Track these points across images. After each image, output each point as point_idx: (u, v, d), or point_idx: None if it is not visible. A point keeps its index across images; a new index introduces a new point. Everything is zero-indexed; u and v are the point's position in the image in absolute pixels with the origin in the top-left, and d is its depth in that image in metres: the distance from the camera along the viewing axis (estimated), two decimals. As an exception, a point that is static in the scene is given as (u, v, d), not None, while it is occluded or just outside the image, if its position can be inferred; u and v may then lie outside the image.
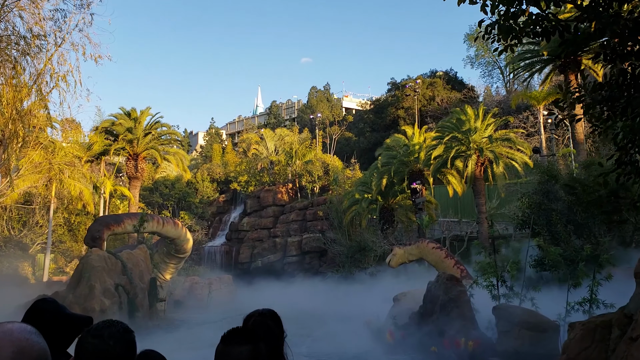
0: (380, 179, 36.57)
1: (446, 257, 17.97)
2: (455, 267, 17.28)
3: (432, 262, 18.65)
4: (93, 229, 20.91)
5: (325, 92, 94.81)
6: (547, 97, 28.63)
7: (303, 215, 46.49)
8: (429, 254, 18.35)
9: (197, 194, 51.28)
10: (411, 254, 19.23)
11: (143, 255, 20.09)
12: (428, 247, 18.64)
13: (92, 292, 16.15)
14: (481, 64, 75.42)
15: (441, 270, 17.97)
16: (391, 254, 19.93)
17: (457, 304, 10.59)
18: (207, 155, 74.01)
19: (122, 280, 17.88)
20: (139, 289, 18.33)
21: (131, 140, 36.27)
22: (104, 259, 17.55)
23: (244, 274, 43.42)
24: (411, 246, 19.53)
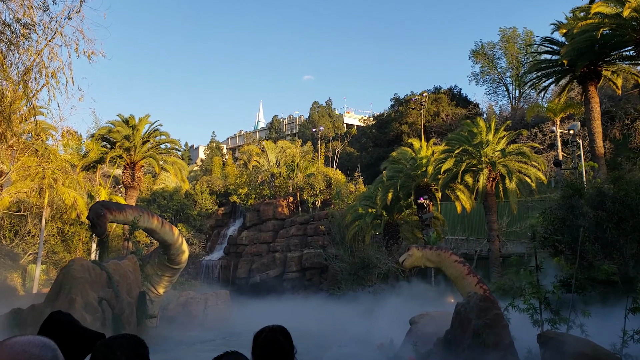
0: (385, 193, 35.14)
1: (468, 273, 16.37)
2: (478, 287, 15.72)
3: (451, 276, 17.01)
4: (96, 207, 19.31)
5: (327, 107, 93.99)
6: (565, 109, 27.40)
7: (304, 229, 45.00)
8: (450, 266, 16.71)
9: (195, 206, 49.85)
10: (429, 260, 17.55)
11: (132, 267, 18.54)
12: (450, 258, 17.01)
13: (72, 306, 14.53)
14: (486, 81, 74.51)
15: (460, 287, 16.43)
16: (406, 252, 18.20)
17: (493, 329, 9.11)
18: (208, 168, 72.76)
19: (107, 293, 16.30)
20: (126, 303, 16.73)
21: (128, 149, 34.92)
22: (87, 269, 15.99)
23: (241, 290, 41.83)
24: (431, 251, 17.83)
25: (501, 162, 30.24)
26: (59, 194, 31.91)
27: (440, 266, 17.59)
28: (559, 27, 26.13)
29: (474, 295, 10.24)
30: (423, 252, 17.78)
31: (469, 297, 10.21)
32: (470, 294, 10.44)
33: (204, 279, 42.65)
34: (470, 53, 72.85)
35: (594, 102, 25.89)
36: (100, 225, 18.15)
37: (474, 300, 9.92)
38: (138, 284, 19.02)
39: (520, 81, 69.47)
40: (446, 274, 17.74)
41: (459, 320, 10.10)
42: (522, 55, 69.25)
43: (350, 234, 38.19)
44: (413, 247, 18.03)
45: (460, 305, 10.40)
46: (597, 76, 26.19)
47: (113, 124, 35.45)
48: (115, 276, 16.95)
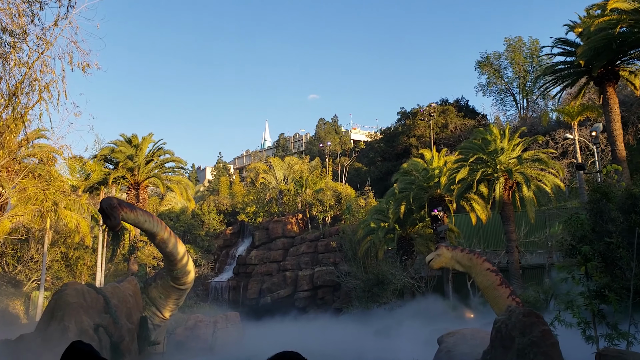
0: (397, 206, 33.97)
1: (500, 284, 15.11)
2: (510, 299, 14.51)
3: (481, 285, 15.70)
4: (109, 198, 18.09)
5: (334, 123, 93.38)
6: (583, 112, 26.28)
7: (314, 247, 43.80)
8: (481, 274, 15.37)
9: (202, 226, 48.79)
10: (459, 263, 16.21)
11: (132, 290, 17.39)
12: (482, 265, 15.70)
13: (65, 334, 13.33)
14: (493, 92, 73.60)
15: (490, 299, 15.21)
16: (435, 252, 16.85)
17: (541, 348, 7.92)
18: (215, 188, 71.95)
19: (105, 319, 15.12)
20: (126, 330, 15.56)
21: (132, 169, 34.05)
22: (81, 293, 14.84)
23: (252, 311, 40.55)
24: (462, 253, 16.47)
25: (517, 170, 29.08)
26: (61, 217, 31.01)
27: (470, 272, 16.28)
28: (573, 27, 25.15)
29: (515, 310, 9.06)
30: (453, 253, 16.47)
31: (510, 312, 9.02)
32: (512, 309, 9.25)
33: (213, 301, 41.44)
34: (476, 64, 72.13)
35: (613, 103, 24.79)
36: (114, 216, 16.77)
37: (516, 315, 8.74)
38: (139, 308, 17.83)
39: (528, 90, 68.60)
40: (475, 281, 16.43)
41: (499, 338, 8.91)
42: (529, 64, 68.48)
43: (363, 250, 36.97)
44: (442, 247, 16.75)
45: (499, 321, 9.21)
46: (615, 77, 25.10)
47: (115, 143, 34.65)
48: (113, 300, 15.76)
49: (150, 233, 18.79)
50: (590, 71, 25.39)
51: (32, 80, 16.93)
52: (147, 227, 18.30)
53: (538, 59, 67.92)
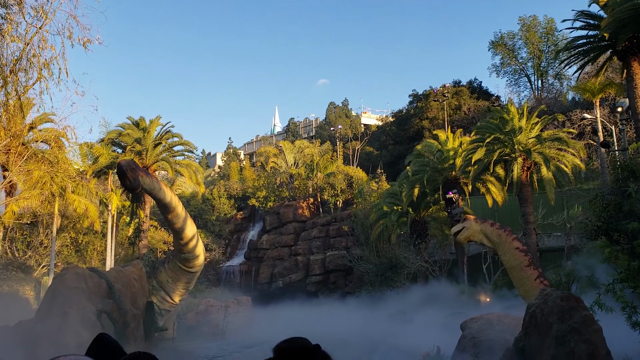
0: (411, 188, 33.12)
1: (529, 265, 14.28)
2: (538, 281, 13.72)
3: (508, 264, 14.81)
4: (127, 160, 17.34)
5: (344, 107, 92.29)
6: (604, 89, 25.20)
7: (326, 231, 43.20)
8: (509, 252, 14.43)
9: (213, 211, 48.33)
10: (487, 237, 15.20)
11: (137, 274, 16.76)
12: (512, 243, 14.79)
13: (66, 320, 12.67)
14: (507, 72, 71.98)
15: (516, 280, 14.40)
16: (462, 223, 15.85)
17: (583, 335, 7.11)
18: (225, 173, 71.47)
19: (108, 305, 14.47)
20: (131, 315, 14.95)
21: (140, 152, 33.45)
22: (83, 278, 14.18)
23: (264, 295, 40.16)
24: (492, 228, 15.43)
25: (536, 150, 28.10)
26: (70, 202, 30.58)
27: (497, 249, 15.38)
28: (597, 0, 24.00)
29: (551, 293, 8.26)
30: (482, 226, 15.53)
31: (546, 296, 8.22)
32: (547, 292, 8.45)
33: (225, 285, 41.09)
34: (489, 44, 70.48)
35: (638, 78, 23.66)
36: (134, 176, 16.03)
37: (553, 299, 7.95)
38: (145, 292, 17.22)
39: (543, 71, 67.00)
40: (502, 260, 15.58)
41: (534, 324, 8.13)
42: (544, 44, 66.84)
43: (375, 234, 36.27)
44: (470, 218, 15.85)
45: (534, 306, 8.42)
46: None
47: (123, 126, 34.05)
48: (117, 285, 15.13)
49: (163, 204, 17.98)
50: (614, 45, 24.21)
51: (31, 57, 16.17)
52: (162, 196, 17.58)
53: (553, 38, 66.22)
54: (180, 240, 18.83)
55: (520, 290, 14.63)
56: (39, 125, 31.74)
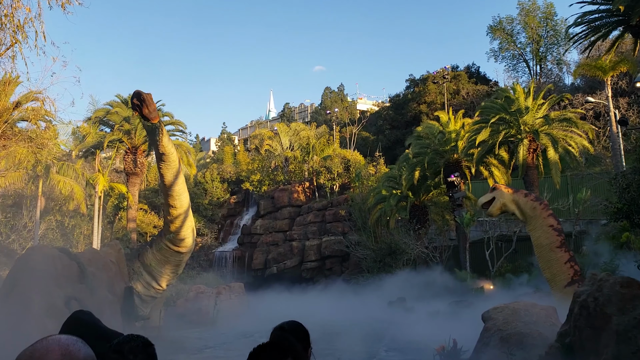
0: (411, 172, 31.83)
1: (560, 246, 12.99)
2: (568, 265, 12.50)
3: (536, 242, 13.45)
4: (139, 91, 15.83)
5: (340, 93, 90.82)
6: (616, 66, 23.96)
7: (322, 216, 41.92)
8: (540, 229, 13.04)
9: (206, 195, 46.90)
10: (519, 208, 13.75)
11: (115, 256, 15.26)
12: (546, 220, 13.41)
13: (28, 308, 11.04)
14: (505, 57, 70.67)
15: (543, 261, 13.13)
16: (491, 193, 14.42)
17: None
18: (219, 158, 69.96)
19: (79, 290, 12.82)
20: (106, 302, 13.39)
21: (129, 131, 31.93)
22: (51, 259, 12.57)
23: (257, 282, 38.96)
24: (526, 199, 13.90)
25: (544, 131, 26.83)
26: (55, 183, 29.11)
27: (529, 223, 13.97)
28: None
29: (607, 279, 6.93)
30: (515, 196, 14.11)
31: (600, 282, 6.89)
32: (601, 277, 7.12)
33: (217, 271, 39.79)
34: (488, 29, 69.12)
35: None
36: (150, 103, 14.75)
37: (610, 285, 6.64)
38: (123, 277, 15.74)
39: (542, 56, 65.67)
40: (531, 235, 14.21)
41: (585, 316, 6.81)
42: (542, 28, 65.51)
43: (373, 219, 35.03)
44: (501, 187, 14.45)
45: (583, 293, 7.07)
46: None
47: (111, 105, 32.47)
48: (91, 268, 13.57)
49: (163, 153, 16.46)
50: (628, 20, 22.88)
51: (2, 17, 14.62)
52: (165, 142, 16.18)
53: (552, 23, 64.98)
54: (172, 210, 17.32)
55: (546, 272, 13.37)
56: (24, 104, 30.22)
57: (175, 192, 17.26)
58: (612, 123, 24.78)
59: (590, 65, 25.66)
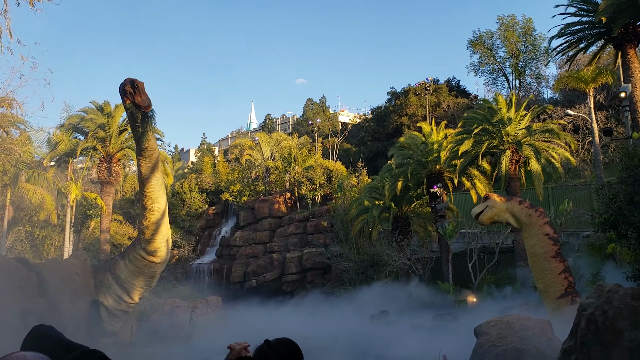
0: (394, 182, 31.37)
1: (555, 256, 12.49)
2: (563, 276, 12.01)
3: (531, 250, 12.93)
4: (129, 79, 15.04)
5: (322, 104, 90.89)
6: (597, 78, 23.91)
7: (303, 227, 41.20)
8: (535, 237, 12.51)
9: (183, 206, 45.88)
10: (514, 216, 13.21)
11: (80, 267, 14.29)
12: (542, 228, 12.88)
13: None
14: (485, 72, 71.34)
15: (536, 270, 12.64)
16: (485, 202, 13.91)
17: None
18: (198, 168, 68.96)
19: (39, 304, 11.91)
20: (69, 318, 12.45)
21: (103, 139, 30.95)
22: (7, 271, 11.62)
23: (236, 295, 38.00)
24: (520, 206, 13.40)
25: (526, 142, 26.59)
26: (24, 192, 28.02)
27: (524, 230, 13.48)
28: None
29: (617, 290, 6.38)
30: (508, 204, 13.60)
31: (609, 293, 6.35)
32: (610, 288, 6.59)
33: (194, 284, 38.72)
34: (468, 43, 69.76)
35: (635, 67, 22.34)
36: (143, 91, 14.24)
37: (620, 297, 6.09)
38: (89, 289, 14.76)
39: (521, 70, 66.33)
40: (525, 244, 13.71)
41: (593, 331, 6.24)
42: (522, 43, 66.26)
43: (356, 230, 34.44)
44: (494, 196, 13.97)
45: (590, 306, 6.50)
46: (636, 38, 22.59)
47: (85, 111, 31.45)
48: (52, 280, 12.63)
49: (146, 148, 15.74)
50: (609, 32, 22.87)
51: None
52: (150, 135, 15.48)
53: (531, 38, 65.81)
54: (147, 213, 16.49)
55: (538, 282, 12.87)
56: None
57: (154, 194, 16.55)
58: (595, 134, 24.64)
59: (573, 76, 25.58)
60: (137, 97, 14.17)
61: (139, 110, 14.45)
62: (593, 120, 24.44)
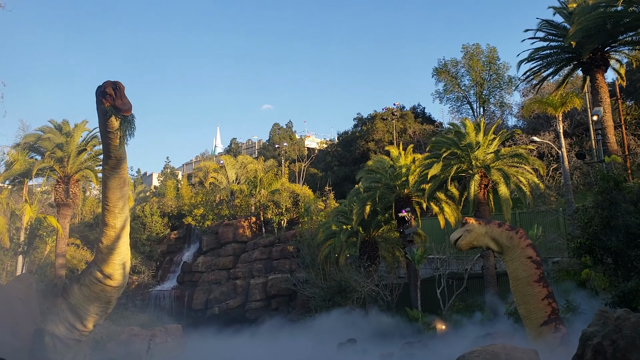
0: (362, 206, 30.87)
1: (539, 281, 11.96)
2: (546, 302, 11.52)
3: (513, 275, 12.35)
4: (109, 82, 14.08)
5: (288, 129, 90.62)
6: (566, 103, 24.18)
7: (269, 252, 40.19)
8: (518, 260, 11.92)
9: (144, 230, 44.33)
10: (494, 240, 12.58)
11: (24, 292, 13.04)
12: (525, 251, 12.30)
13: None
14: (450, 99, 72.43)
15: (519, 295, 12.11)
16: (463, 228, 13.27)
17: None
18: (161, 192, 67.22)
19: None
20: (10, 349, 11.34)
21: (61, 159, 29.62)
22: None
23: (198, 323, 36.58)
24: (500, 229, 12.80)
25: (495, 166, 26.53)
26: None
27: (505, 254, 12.90)
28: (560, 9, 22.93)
29: (626, 316, 5.82)
30: (487, 228, 13.01)
31: (617, 321, 5.79)
32: (618, 315, 6.04)
33: (154, 312, 37.13)
34: (433, 71, 70.81)
35: (603, 92, 22.65)
36: (123, 95, 13.66)
37: (631, 325, 5.52)
38: (33, 317, 13.52)
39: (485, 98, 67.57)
40: (507, 268, 13.18)
41: None
42: (486, 72, 67.63)
43: (323, 255, 33.69)
44: (472, 221, 13.38)
45: (595, 335, 5.87)
46: (604, 63, 22.97)
47: (43, 130, 30.10)
48: None
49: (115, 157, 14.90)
50: (578, 57, 23.19)
51: None
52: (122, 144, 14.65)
53: (495, 67, 67.15)
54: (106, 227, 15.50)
55: (521, 308, 12.35)
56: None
57: (117, 208, 15.64)
58: (564, 158, 24.76)
59: (542, 101, 25.82)
60: (117, 100, 13.53)
61: (119, 114, 13.72)
62: (562, 145, 24.60)
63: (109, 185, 15.50)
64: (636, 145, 33.62)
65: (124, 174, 15.74)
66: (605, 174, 15.37)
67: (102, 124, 14.73)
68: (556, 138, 40.40)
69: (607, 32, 21.15)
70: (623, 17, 20.70)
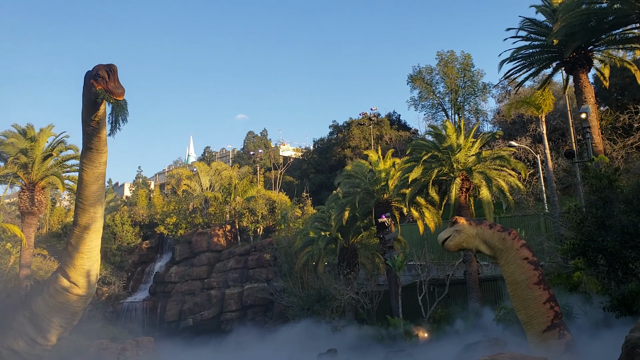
0: (341, 211, 30.12)
1: (538, 283, 11.18)
2: (547, 306, 10.79)
3: (510, 278, 11.61)
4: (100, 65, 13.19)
5: (263, 137, 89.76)
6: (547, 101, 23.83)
7: (244, 261, 39.08)
8: (514, 263, 11.16)
9: (114, 240, 42.77)
10: (485, 243, 11.80)
11: None
12: (519, 252, 11.54)
13: None
14: (425, 107, 72.43)
15: (519, 299, 11.36)
16: (452, 228, 12.41)
17: None
18: (132, 202, 65.42)
19: None
20: None
21: (26, 165, 28.18)
22: None
23: (171, 335, 35.27)
24: (492, 230, 12.01)
25: (477, 170, 26.02)
26: None
27: (499, 257, 12.07)
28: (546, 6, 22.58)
29: None
30: (478, 229, 12.19)
31: None
32: None
33: (125, 324, 35.70)
34: (408, 78, 70.75)
35: (588, 92, 22.34)
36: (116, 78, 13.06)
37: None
38: None
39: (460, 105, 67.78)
40: (503, 272, 12.40)
41: None
42: (460, 79, 67.83)
43: (300, 263, 32.77)
44: (463, 221, 12.55)
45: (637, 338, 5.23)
46: (588, 62, 22.72)
47: (6, 135, 28.61)
48: None
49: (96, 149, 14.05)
50: (561, 56, 22.85)
51: None
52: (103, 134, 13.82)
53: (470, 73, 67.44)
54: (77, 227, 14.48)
55: (521, 313, 11.58)
56: None
57: (92, 207, 14.76)
58: (548, 159, 24.37)
59: (524, 101, 25.46)
60: (110, 82, 12.79)
61: (111, 97, 12.80)
62: (546, 146, 24.22)
63: (86, 181, 14.55)
64: (612, 150, 33.64)
65: (102, 170, 14.79)
66: (598, 172, 14.83)
67: (86, 112, 13.92)
68: (532, 143, 40.37)
69: (591, 29, 20.90)
70: (607, 14, 20.46)
